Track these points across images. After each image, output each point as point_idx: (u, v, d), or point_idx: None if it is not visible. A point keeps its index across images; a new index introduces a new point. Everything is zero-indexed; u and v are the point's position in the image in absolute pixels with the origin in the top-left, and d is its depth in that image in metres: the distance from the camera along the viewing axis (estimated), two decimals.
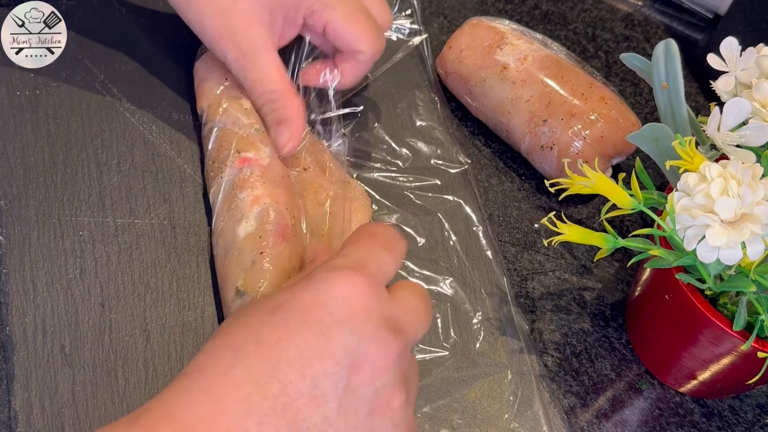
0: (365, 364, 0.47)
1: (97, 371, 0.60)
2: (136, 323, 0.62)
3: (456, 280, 0.67)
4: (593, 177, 0.57)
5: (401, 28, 0.81)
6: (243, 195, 0.63)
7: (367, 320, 0.47)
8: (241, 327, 0.48)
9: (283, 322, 0.47)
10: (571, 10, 0.87)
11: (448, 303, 0.66)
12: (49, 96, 0.72)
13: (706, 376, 0.61)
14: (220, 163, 0.65)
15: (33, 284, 0.63)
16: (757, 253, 0.50)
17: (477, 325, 0.65)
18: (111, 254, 0.65)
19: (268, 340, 0.46)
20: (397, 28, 0.81)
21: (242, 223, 0.62)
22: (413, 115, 0.76)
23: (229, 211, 0.63)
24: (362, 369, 0.46)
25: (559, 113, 0.70)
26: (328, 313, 0.47)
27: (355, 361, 0.46)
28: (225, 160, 0.65)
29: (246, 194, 0.63)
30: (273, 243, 0.61)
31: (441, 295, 0.67)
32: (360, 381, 0.46)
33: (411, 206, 0.71)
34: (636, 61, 0.64)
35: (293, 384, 0.45)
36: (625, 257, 0.70)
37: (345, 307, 0.47)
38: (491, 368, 0.64)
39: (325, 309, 0.47)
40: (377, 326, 0.47)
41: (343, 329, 0.47)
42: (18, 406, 0.58)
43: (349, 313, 0.47)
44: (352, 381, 0.46)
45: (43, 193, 0.67)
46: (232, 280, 0.61)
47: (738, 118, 0.54)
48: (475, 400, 0.62)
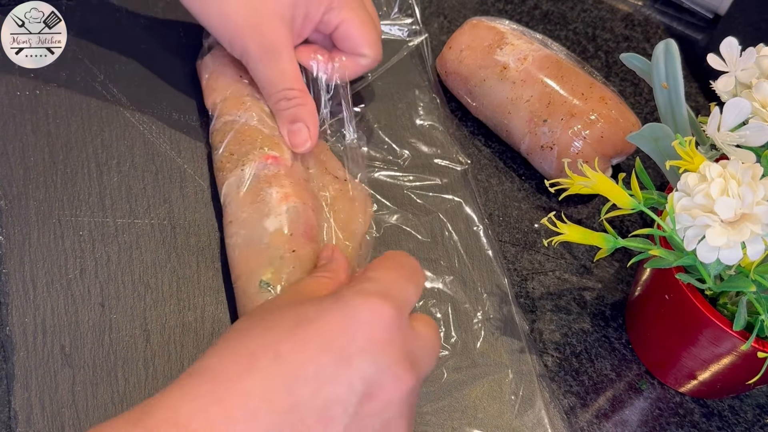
0: (379, 395, 0.47)
1: (97, 371, 0.60)
2: (136, 323, 0.62)
3: (456, 280, 0.67)
4: (593, 177, 0.57)
5: (401, 28, 0.81)
6: (272, 190, 0.63)
7: (388, 353, 0.47)
8: (259, 333, 0.48)
9: (304, 341, 0.47)
10: (571, 10, 0.87)
11: (449, 303, 0.66)
12: (49, 96, 0.72)
13: (706, 376, 0.61)
14: (241, 155, 0.65)
15: (33, 284, 0.63)
16: (757, 253, 0.50)
17: (477, 324, 0.65)
18: (111, 254, 0.65)
19: (287, 355, 0.46)
20: (398, 28, 0.81)
21: (270, 217, 0.62)
22: (413, 115, 0.76)
23: (254, 204, 0.63)
24: (375, 399, 0.47)
25: (559, 113, 0.70)
26: (352, 340, 0.47)
27: (369, 390, 0.46)
28: (248, 154, 0.65)
29: (275, 190, 0.63)
30: (303, 242, 0.62)
31: (442, 295, 0.67)
32: (370, 410, 0.46)
33: (411, 206, 0.71)
34: (636, 61, 0.64)
35: (304, 403, 0.45)
36: (625, 257, 0.71)
37: (368, 336, 0.47)
38: (492, 368, 0.64)
39: (348, 336, 0.47)
40: (396, 360, 0.48)
41: (363, 358, 0.47)
42: (18, 406, 0.58)
43: (372, 343, 0.47)
44: (363, 409, 0.46)
45: (43, 193, 0.67)
46: (257, 272, 0.61)
47: (738, 118, 0.54)
48: (476, 399, 0.62)
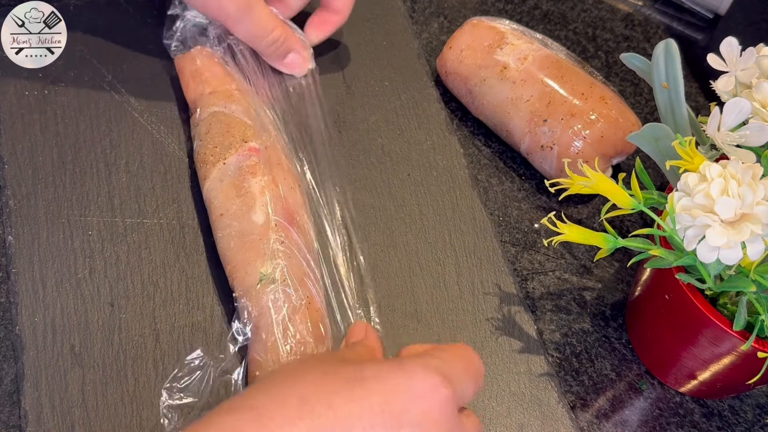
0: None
1: (106, 371, 0.60)
2: (146, 323, 0.62)
3: (457, 280, 0.68)
4: (593, 177, 0.57)
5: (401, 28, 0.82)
6: (254, 181, 0.64)
7: None
8: (313, 380, 0.48)
9: (361, 397, 0.47)
10: (572, 10, 0.87)
11: (450, 303, 0.67)
12: (58, 96, 0.72)
13: (706, 376, 0.61)
14: (225, 148, 0.66)
15: (42, 284, 0.63)
16: (757, 253, 0.50)
17: (479, 325, 0.66)
18: (120, 254, 0.65)
19: (340, 409, 0.46)
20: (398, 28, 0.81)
21: (255, 209, 0.63)
22: (413, 115, 0.76)
23: (240, 197, 0.64)
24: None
25: (559, 113, 0.71)
26: (406, 409, 0.47)
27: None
28: (230, 147, 0.66)
29: (257, 181, 0.64)
30: (286, 229, 0.62)
31: (443, 295, 0.67)
32: None
33: (411, 206, 0.71)
34: (636, 61, 0.64)
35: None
36: (625, 257, 0.71)
37: (423, 410, 0.47)
38: (495, 368, 0.64)
39: (403, 405, 0.47)
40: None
41: (413, 430, 0.47)
42: (28, 405, 0.59)
43: (425, 418, 0.47)
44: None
45: (52, 192, 0.67)
46: (254, 265, 0.61)
47: (738, 118, 0.54)
48: (483, 400, 0.62)
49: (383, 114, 0.76)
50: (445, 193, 0.72)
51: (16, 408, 0.59)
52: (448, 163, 0.74)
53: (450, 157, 0.74)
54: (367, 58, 0.79)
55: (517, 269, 0.70)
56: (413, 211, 0.71)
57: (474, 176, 0.74)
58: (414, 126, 0.76)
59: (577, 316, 0.68)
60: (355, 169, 0.72)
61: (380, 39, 0.81)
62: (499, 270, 0.69)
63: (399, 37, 0.81)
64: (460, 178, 0.73)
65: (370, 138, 0.75)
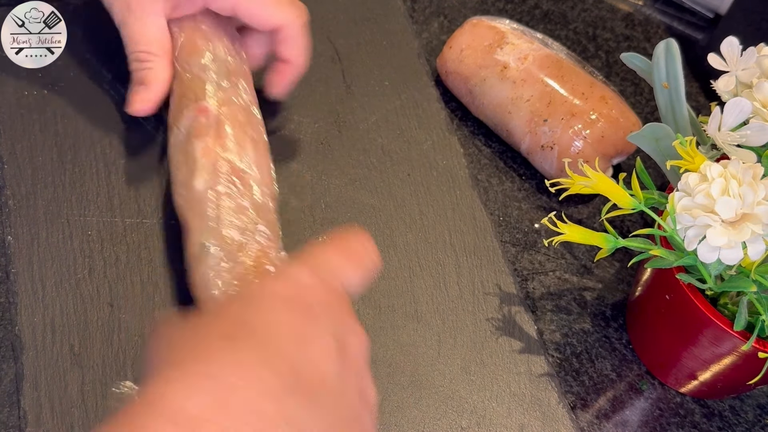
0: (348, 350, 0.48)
1: (106, 371, 0.60)
2: (145, 323, 0.62)
3: (457, 280, 0.68)
4: (594, 177, 0.57)
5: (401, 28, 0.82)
6: (197, 145, 0.61)
7: None
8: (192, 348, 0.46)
9: None
10: (572, 9, 0.87)
11: (450, 303, 0.67)
12: (58, 96, 0.72)
13: (707, 376, 0.61)
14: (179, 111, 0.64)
15: (42, 284, 0.63)
16: (757, 253, 0.50)
17: (479, 325, 0.66)
18: (119, 254, 0.65)
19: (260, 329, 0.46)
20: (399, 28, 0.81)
21: (196, 174, 0.60)
22: (413, 115, 0.76)
23: (186, 164, 0.61)
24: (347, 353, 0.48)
25: (560, 113, 0.71)
26: None
27: None
28: (184, 109, 0.64)
29: (199, 145, 0.61)
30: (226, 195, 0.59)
31: (444, 295, 0.67)
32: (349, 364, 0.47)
33: (411, 206, 0.71)
34: (636, 60, 0.64)
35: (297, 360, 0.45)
36: (625, 257, 0.71)
37: None
38: (495, 368, 0.64)
39: None
40: None
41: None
42: (27, 405, 0.58)
43: None
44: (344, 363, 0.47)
45: (51, 192, 0.67)
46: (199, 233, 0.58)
47: (739, 118, 0.54)
48: (484, 401, 0.62)
49: (383, 114, 0.76)
50: (445, 193, 0.72)
51: (15, 408, 0.59)
52: (448, 163, 0.74)
53: (450, 157, 0.74)
54: (367, 58, 0.79)
55: (517, 269, 0.70)
56: (413, 211, 0.71)
57: (474, 176, 0.74)
58: (414, 126, 0.76)
59: (578, 317, 0.68)
60: (355, 169, 0.72)
61: (380, 39, 0.81)
62: (499, 270, 0.69)
63: (399, 37, 0.81)
64: (460, 178, 0.73)
65: (370, 138, 0.74)
